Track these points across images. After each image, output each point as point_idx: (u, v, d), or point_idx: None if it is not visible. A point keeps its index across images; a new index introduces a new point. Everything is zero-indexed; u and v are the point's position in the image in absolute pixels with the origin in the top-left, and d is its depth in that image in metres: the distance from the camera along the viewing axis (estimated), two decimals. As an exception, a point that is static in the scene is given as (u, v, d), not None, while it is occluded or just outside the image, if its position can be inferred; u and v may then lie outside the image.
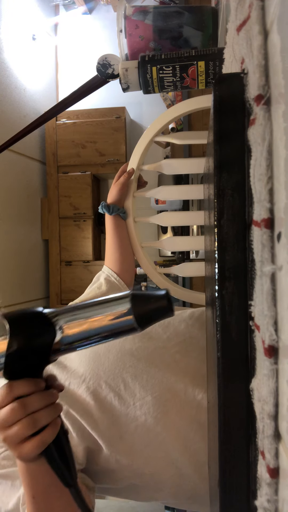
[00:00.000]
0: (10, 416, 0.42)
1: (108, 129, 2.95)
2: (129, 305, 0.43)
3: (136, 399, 0.66)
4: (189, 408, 0.66)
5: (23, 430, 0.43)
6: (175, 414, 0.66)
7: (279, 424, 0.26)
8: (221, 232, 0.33)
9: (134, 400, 0.66)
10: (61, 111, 0.88)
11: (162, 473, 0.66)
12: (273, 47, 0.26)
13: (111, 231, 0.97)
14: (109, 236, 0.98)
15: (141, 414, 0.66)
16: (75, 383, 0.68)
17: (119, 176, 0.97)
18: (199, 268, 0.97)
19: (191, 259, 2.70)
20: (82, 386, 0.67)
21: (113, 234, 0.97)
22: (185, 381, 0.68)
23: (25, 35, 2.93)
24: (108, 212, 0.95)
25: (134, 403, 0.66)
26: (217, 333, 0.33)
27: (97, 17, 3.34)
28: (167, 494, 0.69)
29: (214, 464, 0.38)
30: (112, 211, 0.95)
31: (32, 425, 0.43)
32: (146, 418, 0.65)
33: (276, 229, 0.26)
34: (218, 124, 0.33)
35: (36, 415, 0.43)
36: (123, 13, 0.78)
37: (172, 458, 0.65)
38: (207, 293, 0.59)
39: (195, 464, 0.65)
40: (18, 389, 0.43)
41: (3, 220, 2.57)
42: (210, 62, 0.71)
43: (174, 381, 0.68)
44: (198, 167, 0.94)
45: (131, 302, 0.43)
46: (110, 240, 0.98)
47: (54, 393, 0.46)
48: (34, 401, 0.43)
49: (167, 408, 0.66)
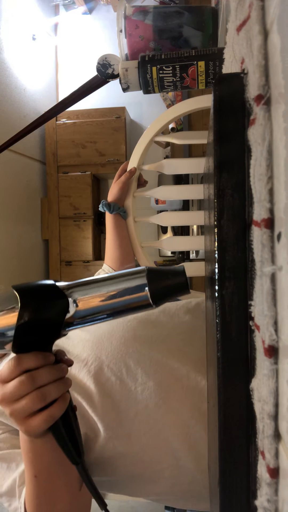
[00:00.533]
0: (18, 389, 0.41)
1: (108, 129, 2.95)
2: (145, 280, 0.42)
3: (138, 383, 0.65)
4: (191, 395, 0.65)
5: (31, 404, 0.42)
6: (176, 400, 0.65)
7: (279, 424, 0.26)
8: (221, 232, 0.33)
9: (136, 385, 0.65)
10: (61, 111, 0.88)
11: (160, 462, 0.65)
12: (273, 47, 0.26)
13: (111, 229, 0.97)
14: (109, 234, 0.98)
15: (142, 399, 0.64)
16: (77, 367, 0.67)
17: (120, 174, 0.97)
18: (199, 268, 0.97)
19: (191, 259, 2.70)
20: (84, 370, 0.66)
21: (113, 233, 0.97)
22: (188, 368, 0.67)
23: (25, 35, 2.93)
24: (109, 210, 0.95)
25: (136, 388, 0.65)
26: (217, 333, 0.33)
27: (97, 17, 3.34)
28: (164, 487, 0.67)
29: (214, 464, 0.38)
30: (112, 210, 0.95)
31: (41, 399, 0.42)
32: (147, 403, 0.64)
33: (276, 229, 0.26)
34: (218, 124, 0.33)
35: (45, 388, 0.42)
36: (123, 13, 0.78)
37: (171, 447, 0.64)
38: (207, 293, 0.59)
39: (194, 455, 0.64)
40: (27, 362, 0.42)
41: (3, 220, 2.57)
42: (210, 62, 0.71)
43: (177, 367, 0.67)
44: (198, 167, 0.94)
45: (147, 277, 0.42)
46: (110, 238, 0.98)
47: (64, 367, 0.45)
48: (43, 375, 0.42)
49: (169, 394, 0.65)
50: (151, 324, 0.74)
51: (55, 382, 0.43)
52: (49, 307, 0.42)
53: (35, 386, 0.42)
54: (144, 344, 0.69)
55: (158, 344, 0.70)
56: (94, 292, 0.43)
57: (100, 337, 0.70)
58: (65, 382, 0.45)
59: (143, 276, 0.42)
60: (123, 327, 0.72)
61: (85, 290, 0.43)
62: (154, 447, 0.64)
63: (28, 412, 0.42)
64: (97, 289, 0.43)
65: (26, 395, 0.42)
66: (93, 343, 0.69)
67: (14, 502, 0.58)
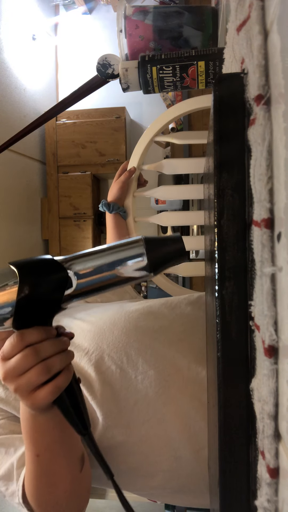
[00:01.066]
0: (22, 363, 0.41)
1: (108, 129, 2.95)
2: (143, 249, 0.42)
3: (138, 372, 0.65)
4: (191, 385, 0.65)
5: (36, 377, 0.42)
6: (176, 390, 0.65)
7: (279, 424, 0.26)
8: (221, 232, 0.33)
9: (136, 374, 0.65)
10: (61, 111, 0.88)
11: (158, 454, 0.64)
12: (273, 47, 0.26)
13: (111, 229, 0.97)
14: (109, 234, 0.98)
15: (142, 388, 0.64)
16: (78, 356, 0.67)
17: (120, 174, 0.97)
18: (199, 268, 0.97)
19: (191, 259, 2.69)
20: (84, 358, 0.66)
21: (113, 233, 0.97)
22: (188, 358, 0.67)
23: (25, 35, 2.93)
24: (108, 210, 0.95)
25: (136, 377, 0.65)
26: (217, 333, 0.33)
27: (97, 17, 3.34)
28: (161, 480, 0.67)
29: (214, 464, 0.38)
30: (112, 209, 0.95)
31: (45, 371, 0.42)
32: (147, 392, 0.64)
33: (276, 229, 0.26)
34: (218, 124, 0.33)
35: (49, 361, 0.42)
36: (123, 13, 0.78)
37: (170, 437, 0.63)
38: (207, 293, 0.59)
39: (193, 446, 0.63)
40: (29, 336, 0.42)
41: (3, 220, 2.57)
42: (210, 62, 0.71)
43: (177, 357, 0.67)
44: (198, 167, 0.94)
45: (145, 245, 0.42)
46: (110, 238, 0.98)
47: (65, 340, 0.45)
48: (46, 347, 0.42)
49: (169, 383, 0.65)
50: (153, 316, 0.74)
51: (59, 354, 0.43)
52: (48, 280, 0.41)
53: (39, 359, 0.42)
54: (146, 334, 0.69)
55: (160, 334, 0.70)
56: (91, 264, 0.43)
57: (102, 327, 0.70)
58: (68, 354, 0.45)
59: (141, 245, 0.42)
60: (125, 318, 0.72)
61: (84, 262, 0.43)
62: (152, 437, 0.64)
63: (33, 385, 0.42)
64: (96, 260, 0.43)
65: (31, 369, 0.42)
66: (94, 333, 0.70)
67: (12, 485, 0.58)
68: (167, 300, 0.80)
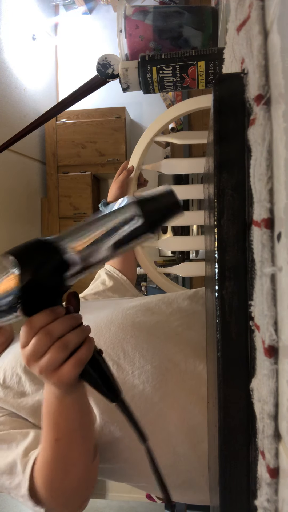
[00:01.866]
0: (38, 345, 0.42)
1: (108, 129, 2.95)
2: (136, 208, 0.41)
3: (135, 367, 0.65)
4: (188, 379, 0.65)
5: (56, 355, 0.42)
6: (174, 384, 0.65)
7: (279, 424, 0.26)
8: (221, 232, 0.33)
9: (133, 369, 0.65)
10: (61, 111, 0.88)
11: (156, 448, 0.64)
12: (273, 47, 0.26)
13: None
14: None
15: (139, 383, 0.64)
16: None
17: (120, 173, 0.97)
18: (199, 268, 0.97)
19: (191, 259, 2.69)
20: None
21: None
22: (186, 352, 0.67)
23: (25, 35, 2.92)
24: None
25: (133, 372, 0.65)
26: (217, 333, 0.33)
27: (97, 17, 3.33)
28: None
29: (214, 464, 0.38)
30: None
31: (63, 347, 0.42)
32: (144, 387, 0.64)
33: (276, 229, 0.26)
34: (218, 124, 0.33)
35: (64, 338, 0.43)
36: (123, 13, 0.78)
37: (168, 432, 0.63)
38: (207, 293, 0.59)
39: (191, 440, 0.63)
40: (38, 321, 0.42)
41: (3, 220, 2.57)
42: (210, 62, 0.71)
43: (175, 351, 0.67)
44: (198, 167, 0.94)
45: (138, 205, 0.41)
46: None
47: (77, 315, 0.46)
48: (57, 326, 0.43)
49: (167, 378, 0.65)
50: (150, 311, 0.74)
51: (73, 330, 0.44)
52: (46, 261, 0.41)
53: (54, 339, 0.42)
54: (142, 330, 0.70)
55: (156, 329, 0.70)
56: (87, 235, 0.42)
57: (99, 324, 0.71)
58: (83, 329, 0.45)
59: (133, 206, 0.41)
60: (122, 315, 0.72)
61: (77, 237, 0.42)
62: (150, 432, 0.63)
63: (55, 364, 0.43)
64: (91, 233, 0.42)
65: (49, 349, 0.42)
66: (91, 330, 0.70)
67: (16, 478, 0.58)
68: (164, 296, 0.80)
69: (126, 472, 0.70)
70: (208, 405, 0.55)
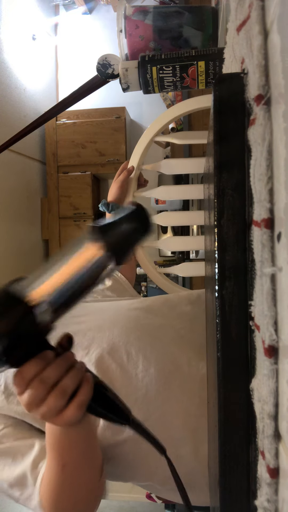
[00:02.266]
0: (34, 396, 0.41)
1: (108, 129, 2.95)
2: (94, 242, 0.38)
3: (138, 370, 0.65)
4: (191, 382, 0.65)
5: (55, 402, 0.41)
6: (177, 387, 0.65)
7: (279, 424, 0.26)
8: (221, 232, 0.33)
9: (136, 372, 0.65)
10: (61, 111, 0.88)
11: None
12: (273, 47, 0.26)
13: None
14: None
15: (142, 386, 0.64)
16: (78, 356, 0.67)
17: (120, 174, 0.97)
18: (199, 268, 0.97)
19: (191, 259, 2.69)
20: (85, 358, 0.66)
21: None
22: (189, 355, 0.67)
23: (25, 35, 2.92)
24: (108, 210, 0.95)
25: (137, 375, 0.65)
26: (217, 333, 0.33)
27: (97, 17, 3.33)
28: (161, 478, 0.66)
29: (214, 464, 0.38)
30: (112, 209, 0.95)
31: (62, 394, 0.42)
32: (147, 390, 0.64)
33: (276, 229, 0.26)
34: (218, 124, 0.33)
35: (61, 384, 0.42)
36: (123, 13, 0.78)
37: (171, 435, 0.63)
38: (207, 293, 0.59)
39: (193, 443, 0.63)
40: (28, 372, 0.41)
41: (3, 220, 2.57)
42: (210, 62, 0.71)
43: (178, 354, 0.67)
44: (198, 167, 0.94)
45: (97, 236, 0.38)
46: None
47: (69, 355, 0.44)
48: (50, 374, 0.41)
49: (170, 381, 0.65)
50: (153, 314, 0.74)
51: (68, 372, 0.43)
52: (17, 316, 0.38)
53: (49, 386, 0.41)
54: (146, 332, 0.70)
55: (160, 332, 0.70)
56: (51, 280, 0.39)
57: (102, 326, 0.71)
58: (77, 368, 0.44)
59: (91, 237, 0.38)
60: (125, 316, 0.72)
61: (42, 282, 0.40)
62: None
63: (56, 410, 0.42)
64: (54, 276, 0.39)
65: (47, 397, 0.41)
66: (94, 332, 0.70)
67: (27, 490, 0.58)
68: (166, 299, 0.80)
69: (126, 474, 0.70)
70: (208, 405, 0.55)
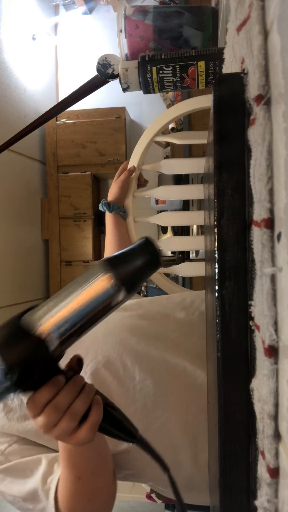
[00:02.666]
0: (48, 421, 0.42)
1: (108, 129, 2.95)
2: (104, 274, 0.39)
3: (135, 382, 0.65)
4: (188, 391, 0.65)
5: (67, 425, 0.43)
6: (175, 397, 0.65)
7: (279, 424, 0.26)
8: (221, 232, 0.33)
9: (133, 383, 0.65)
10: (61, 111, 0.88)
11: None
12: (273, 47, 0.26)
13: (111, 229, 0.97)
14: (109, 233, 0.98)
15: (140, 397, 0.64)
16: None
17: (120, 174, 0.97)
18: (199, 268, 0.97)
19: (191, 259, 2.69)
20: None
21: (113, 232, 0.97)
22: (185, 364, 0.67)
23: (25, 35, 2.92)
24: (108, 210, 0.95)
25: (134, 386, 0.65)
26: (217, 333, 0.33)
27: (97, 17, 3.33)
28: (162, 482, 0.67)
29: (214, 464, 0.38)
30: (112, 209, 0.95)
31: (73, 417, 0.43)
32: (145, 401, 0.64)
33: (276, 229, 0.26)
34: (218, 124, 0.33)
35: (72, 408, 0.43)
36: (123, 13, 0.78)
37: (170, 443, 0.64)
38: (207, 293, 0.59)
39: (193, 450, 0.64)
40: (41, 398, 0.42)
41: (3, 220, 2.57)
42: (210, 62, 0.71)
43: (174, 363, 0.67)
44: (198, 167, 0.94)
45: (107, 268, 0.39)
46: (109, 238, 0.98)
47: (79, 378, 0.46)
48: (62, 400, 0.43)
49: (167, 391, 0.65)
50: (147, 323, 0.74)
51: (79, 396, 0.44)
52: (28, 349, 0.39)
53: (61, 412, 0.42)
54: (141, 342, 0.69)
55: (155, 341, 0.70)
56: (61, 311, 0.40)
57: (96, 338, 0.70)
58: (87, 392, 0.45)
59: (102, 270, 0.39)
60: (119, 326, 0.72)
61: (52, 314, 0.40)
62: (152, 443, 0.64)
63: (69, 432, 0.44)
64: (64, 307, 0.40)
65: (60, 421, 0.43)
66: (88, 344, 0.69)
67: (39, 504, 0.59)
68: (159, 304, 0.80)
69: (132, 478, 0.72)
70: (208, 405, 0.55)
